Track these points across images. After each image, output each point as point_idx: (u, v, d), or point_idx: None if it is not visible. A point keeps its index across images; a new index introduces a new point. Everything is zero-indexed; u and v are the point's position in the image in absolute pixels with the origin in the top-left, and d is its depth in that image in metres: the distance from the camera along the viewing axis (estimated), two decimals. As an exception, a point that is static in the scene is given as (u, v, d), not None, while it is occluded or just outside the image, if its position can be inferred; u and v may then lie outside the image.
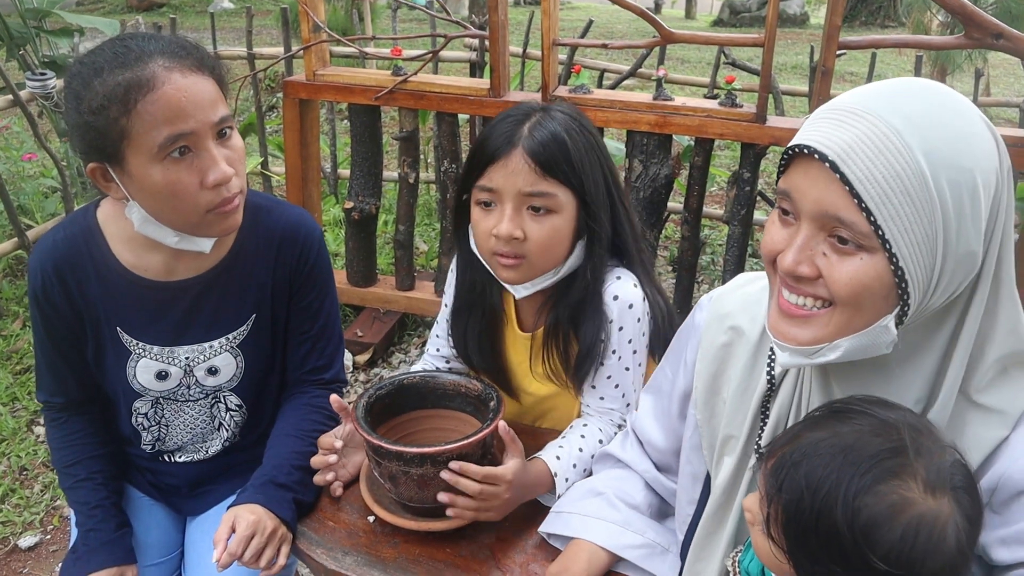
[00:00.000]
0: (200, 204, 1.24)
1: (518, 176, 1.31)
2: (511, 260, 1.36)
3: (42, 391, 1.50)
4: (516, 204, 1.33)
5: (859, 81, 7.51)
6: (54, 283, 1.36)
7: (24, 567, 2.35)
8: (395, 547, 1.32)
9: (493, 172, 1.33)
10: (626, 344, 1.45)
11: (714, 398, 1.15)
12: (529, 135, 1.32)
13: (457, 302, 1.55)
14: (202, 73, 1.22)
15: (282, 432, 1.48)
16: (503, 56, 2.70)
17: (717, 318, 1.17)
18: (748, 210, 2.76)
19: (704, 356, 1.16)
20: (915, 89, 0.86)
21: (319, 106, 3.24)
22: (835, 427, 0.87)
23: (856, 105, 0.85)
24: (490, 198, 1.34)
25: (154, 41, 1.22)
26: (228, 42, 7.49)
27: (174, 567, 1.58)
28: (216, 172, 1.22)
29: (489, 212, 1.35)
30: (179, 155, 1.20)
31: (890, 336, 0.88)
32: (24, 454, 2.75)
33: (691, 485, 1.21)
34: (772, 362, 1.06)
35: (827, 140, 0.85)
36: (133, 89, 1.15)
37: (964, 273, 0.87)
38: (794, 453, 0.87)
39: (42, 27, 4.46)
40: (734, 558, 1.08)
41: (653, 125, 2.62)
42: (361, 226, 3.19)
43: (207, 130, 1.21)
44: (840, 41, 2.41)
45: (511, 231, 1.33)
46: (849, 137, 0.83)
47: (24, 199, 4.08)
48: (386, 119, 4.92)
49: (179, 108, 1.18)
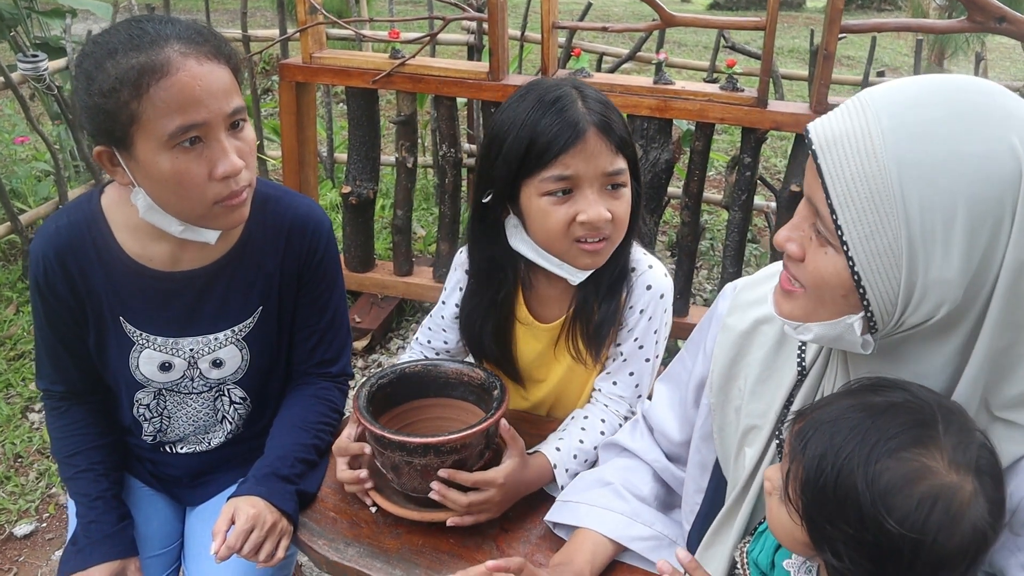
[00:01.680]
0: (207, 195, 1.21)
1: (599, 158, 1.28)
2: (599, 244, 1.32)
3: (42, 379, 1.47)
4: (599, 186, 1.30)
5: (857, 65, 7.48)
6: (56, 270, 1.33)
7: (20, 555, 2.34)
8: (398, 538, 1.30)
9: (569, 159, 1.27)
10: (652, 334, 1.43)
11: (730, 383, 1.14)
12: (593, 114, 1.28)
13: (474, 300, 1.49)
14: (218, 61, 1.19)
15: (286, 423, 1.46)
16: (502, 39, 2.66)
17: (740, 307, 1.15)
18: (748, 195, 2.74)
19: (723, 342, 1.15)
20: (940, 90, 0.80)
21: (316, 89, 3.21)
22: (868, 397, 0.86)
23: (870, 97, 0.83)
24: (567, 185, 1.29)
25: (171, 25, 1.19)
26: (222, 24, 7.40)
27: (174, 558, 1.56)
28: (226, 164, 1.20)
29: (565, 200, 1.30)
30: (189, 144, 1.17)
31: (855, 336, 0.87)
32: (19, 441, 2.73)
33: (699, 474, 1.20)
34: (803, 353, 1.05)
35: (822, 127, 0.84)
36: (147, 73, 1.13)
37: (937, 300, 0.80)
38: (823, 415, 0.86)
39: (33, 8, 4.40)
40: (742, 548, 1.07)
41: (653, 109, 2.59)
42: (358, 211, 3.16)
43: (220, 121, 1.18)
44: (841, 25, 2.39)
45: (603, 214, 1.29)
46: (839, 128, 0.81)
47: (16, 183, 4.04)
48: (383, 102, 4.88)
49: (192, 96, 1.15)
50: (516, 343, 1.52)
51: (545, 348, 1.51)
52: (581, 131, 1.27)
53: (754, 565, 1.04)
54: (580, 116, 1.27)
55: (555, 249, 1.36)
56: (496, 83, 2.69)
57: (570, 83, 1.34)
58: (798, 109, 2.54)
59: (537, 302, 1.50)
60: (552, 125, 1.27)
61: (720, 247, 3.89)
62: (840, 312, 0.87)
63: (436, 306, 1.59)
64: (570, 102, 1.29)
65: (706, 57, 4.74)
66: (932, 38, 6.26)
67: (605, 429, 1.44)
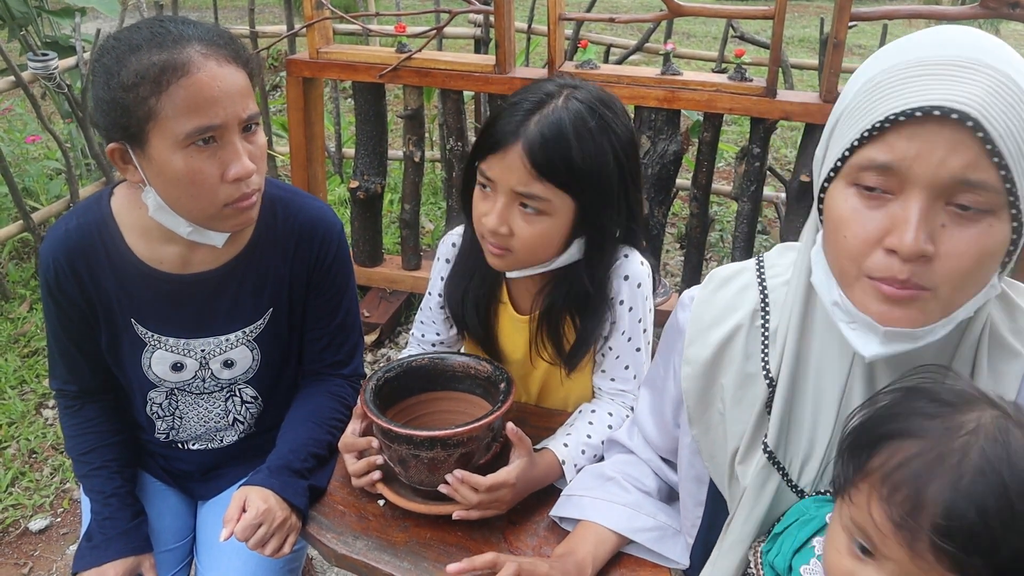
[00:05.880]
0: (218, 197, 1.22)
1: (512, 173, 1.26)
2: (497, 250, 1.33)
3: (55, 379, 1.48)
4: (508, 199, 1.29)
5: (868, 54, 7.41)
6: (66, 273, 1.34)
7: (35, 550, 2.36)
8: (405, 531, 1.31)
9: (492, 161, 1.28)
10: (636, 324, 1.43)
11: (707, 412, 1.11)
12: (534, 130, 1.23)
13: (458, 267, 1.51)
14: (237, 65, 1.21)
15: (300, 417, 1.47)
16: (508, 31, 2.66)
17: (699, 332, 1.10)
18: (758, 186, 2.72)
19: (690, 375, 1.11)
20: (978, 35, 0.81)
21: (323, 84, 3.21)
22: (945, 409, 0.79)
23: (958, 56, 0.79)
24: (487, 183, 1.31)
25: (193, 27, 1.20)
26: (230, 20, 7.43)
27: (187, 552, 1.57)
28: (238, 167, 1.20)
29: (485, 196, 1.32)
30: (203, 144, 1.18)
31: (996, 291, 0.86)
32: (33, 437, 2.75)
33: (696, 488, 1.18)
34: (767, 363, 1.03)
35: (958, 95, 0.76)
36: (168, 70, 1.14)
37: None
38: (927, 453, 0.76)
39: (43, 7, 4.43)
40: (756, 549, 1.03)
41: (661, 100, 2.58)
42: (366, 205, 3.17)
43: (235, 123, 1.19)
44: (852, 12, 2.37)
45: (496, 226, 1.29)
46: (980, 92, 0.76)
47: (29, 181, 4.06)
48: (390, 97, 4.88)
49: (211, 97, 1.16)
50: (501, 329, 1.52)
51: (525, 341, 1.50)
52: (511, 141, 1.24)
53: (769, 568, 0.99)
54: (521, 126, 1.24)
55: (478, 237, 1.37)
56: (503, 76, 2.69)
57: (566, 90, 1.28)
58: (808, 99, 2.52)
59: (517, 294, 1.50)
60: (501, 125, 1.26)
61: (729, 238, 3.88)
62: (986, 280, 0.83)
63: (424, 298, 1.59)
64: (528, 111, 1.25)
65: (714, 47, 4.71)
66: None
67: (613, 422, 1.44)
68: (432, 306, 1.57)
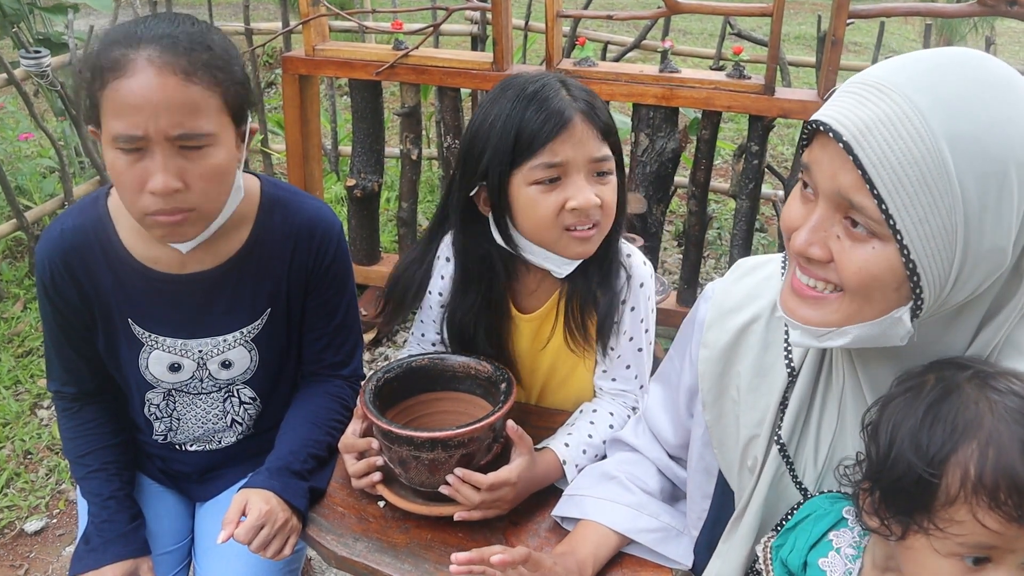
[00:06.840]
0: (138, 204, 1.19)
1: (587, 144, 1.28)
2: (591, 231, 1.31)
3: (53, 381, 1.47)
4: (587, 173, 1.29)
5: (865, 51, 7.43)
6: (63, 273, 1.33)
7: (31, 551, 2.34)
8: (406, 532, 1.30)
9: (557, 146, 1.26)
10: (639, 324, 1.42)
11: (722, 398, 1.11)
12: (580, 103, 1.29)
13: (466, 299, 1.46)
14: (189, 80, 1.14)
15: (299, 418, 1.46)
16: (506, 28, 2.64)
17: (719, 316, 1.11)
18: (756, 184, 2.72)
19: (708, 358, 1.11)
20: (954, 64, 0.79)
21: (319, 82, 3.19)
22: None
23: (883, 80, 0.80)
24: (556, 173, 1.28)
25: (163, 28, 1.16)
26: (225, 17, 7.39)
27: (185, 554, 1.56)
28: (155, 181, 1.16)
29: (553, 188, 1.29)
30: (126, 151, 1.15)
31: (904, 329, 0.84)
32: (28, 438, 2.73)
33: (704, 480, 1.18)
34: (789, 353, 1.03)
35: (844, 117, 0.80)
36: (108, 68, 1.13)
37: (988, 270, 0.81)
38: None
39: (36, 3, 4.40)
40: (766, 544, 1.02)
41: (659, 98, 2.57)
42: (363, 204, 3.15)
43: (160, 138, 1.14)
44: (850, 10, 2.36)
45: (592, 200, 1.28)
46: (867, 115, 0.78)
47: (22, 180, 4.03)
48: (387, 94, 4.86)
49: (135, 105, 1.12)
50: (510, 336, 1.50)
51: (529, 341, 1.49)
52: (568, 118, 1.27)
53: (781, 564, 0.98)
54: (566, 104, 1.28)
55: (544, 239, 1.34)
56: (500, 73, 2.67)
57: (550, 75, 1.34)
58: (806, 96, 2.52)
59: (520, 294, 1.48)
60: (539, 114, 1.27)
61: (727, 236, 3.87)
62: (889, 307, 0.84)
63: (419, 312, 1.57)
64: (554, 92, 1.29)
65: (712, 45, 4.70)
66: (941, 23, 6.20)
67: (614, 422, 1.43)
68: (432, 305, 1.55)
